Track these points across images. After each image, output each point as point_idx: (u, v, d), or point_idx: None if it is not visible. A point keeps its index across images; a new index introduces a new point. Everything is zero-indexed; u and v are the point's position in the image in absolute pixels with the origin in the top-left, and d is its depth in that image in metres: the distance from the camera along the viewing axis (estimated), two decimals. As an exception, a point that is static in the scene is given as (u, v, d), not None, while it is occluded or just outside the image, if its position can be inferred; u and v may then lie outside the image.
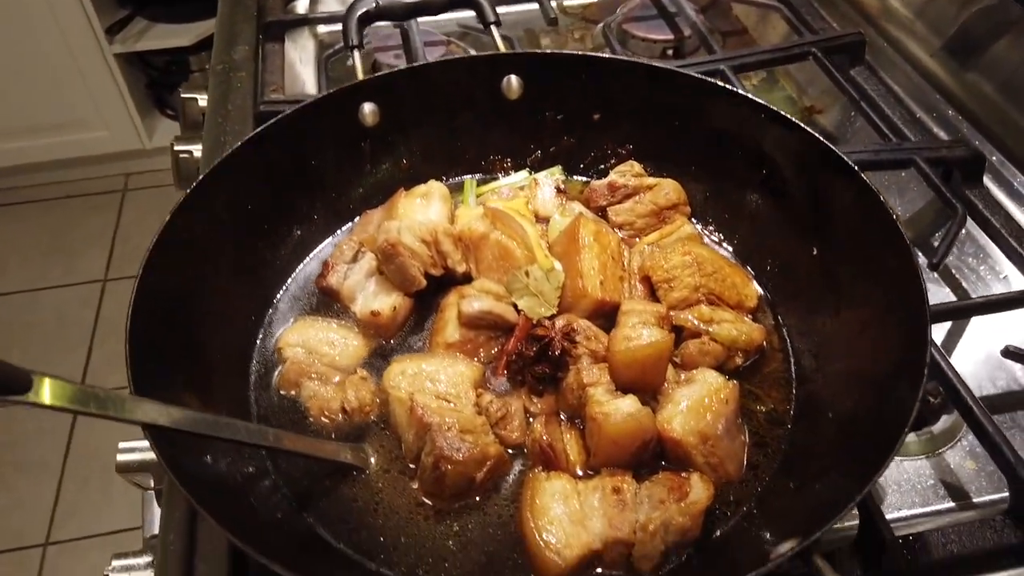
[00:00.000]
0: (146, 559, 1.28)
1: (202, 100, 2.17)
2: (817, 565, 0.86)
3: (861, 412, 1.11)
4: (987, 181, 1.76)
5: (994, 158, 1.82)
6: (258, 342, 1.35)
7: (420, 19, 2.09)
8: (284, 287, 1.43)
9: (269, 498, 1.15)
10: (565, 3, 2.36)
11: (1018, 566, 1.19)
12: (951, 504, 1.29)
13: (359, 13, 1.69)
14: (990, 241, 1.66)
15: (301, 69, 2.23)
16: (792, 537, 0.91)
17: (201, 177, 1.27)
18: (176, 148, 2.01)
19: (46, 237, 4.64)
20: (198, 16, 4.42)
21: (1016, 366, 1.47)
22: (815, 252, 1.33)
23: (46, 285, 4.39)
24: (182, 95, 2.19)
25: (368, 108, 1.49)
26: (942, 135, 1.89)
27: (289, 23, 2.24)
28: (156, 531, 1.40)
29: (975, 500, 1.29)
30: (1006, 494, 1.27)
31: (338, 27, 2.31)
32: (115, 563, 1.30)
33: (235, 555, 1.20)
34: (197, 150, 1.99)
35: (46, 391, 0.87)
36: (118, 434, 1.44)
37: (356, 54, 1.65)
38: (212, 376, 1.23)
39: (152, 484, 1.47)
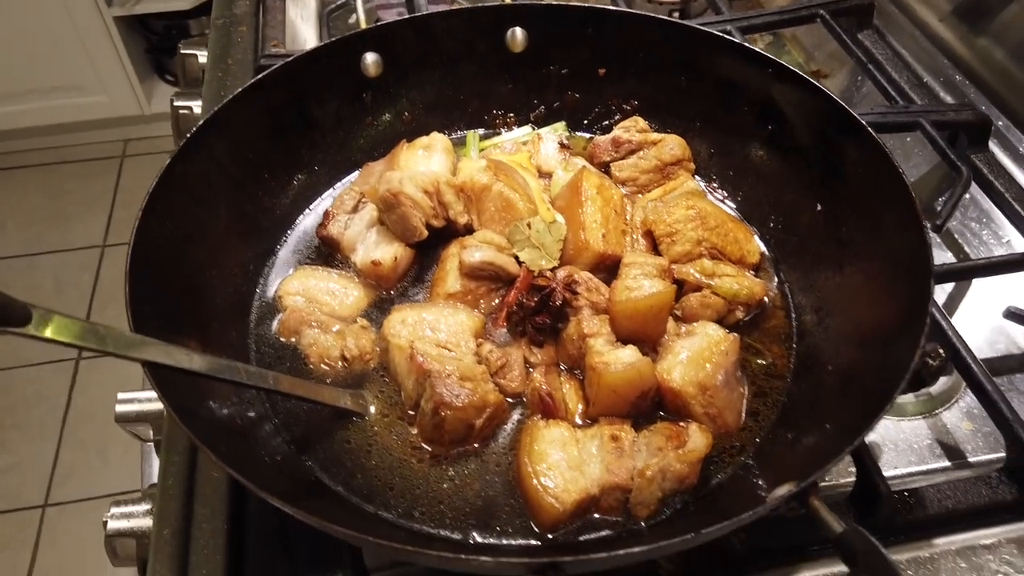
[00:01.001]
0: (145, 506, 1.29)
1: (202, 57, 2.15)
2: (814, 506, 0.86)
3: (860, 366, 1.11)
4: (992, 146, 1.75)
5: (1000, 123, 1.81)
6: (258, 290, 1.35)
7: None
8: (285, 237, 1.43)
9: (269, 442, 1.15)
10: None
11: (1013, 522, 1.20)
12: (947, 463, 1.29)
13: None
14: (993, 206, 1.66)
15: (302, 26, 2.21)
16: (788, 482, 0.91)
17: (201, 122, 1.26)
18: (176, 104, 2.00)
19: (45, 202, 4.62)
20: (198, -21, 4.38)
21: (1016, 330, 1.47)
22: (819, 208, 1.32)
23: (45, 250, 4.37)
24: (181, 51, 2.18)
25: (370, 58, 1.48)
26: (948, 99, 1.88)
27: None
28: (155, 480, 1.41)
29: (971, 460, 1.30)
30: (1002, 454, 1.27)
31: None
32: (114, 510, 1.31)
33: (234, 498, 1.21)
34: (197, 106, 1.98)
35: (46, 325, 0.87)
36: (117, 396, 1.45)
37: (359, 4, 1.63)
38: (211, 322, 1.22)
39: (151, 435, 1.47)
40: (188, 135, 1.23)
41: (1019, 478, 1.21)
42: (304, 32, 2.19)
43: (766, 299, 1.31)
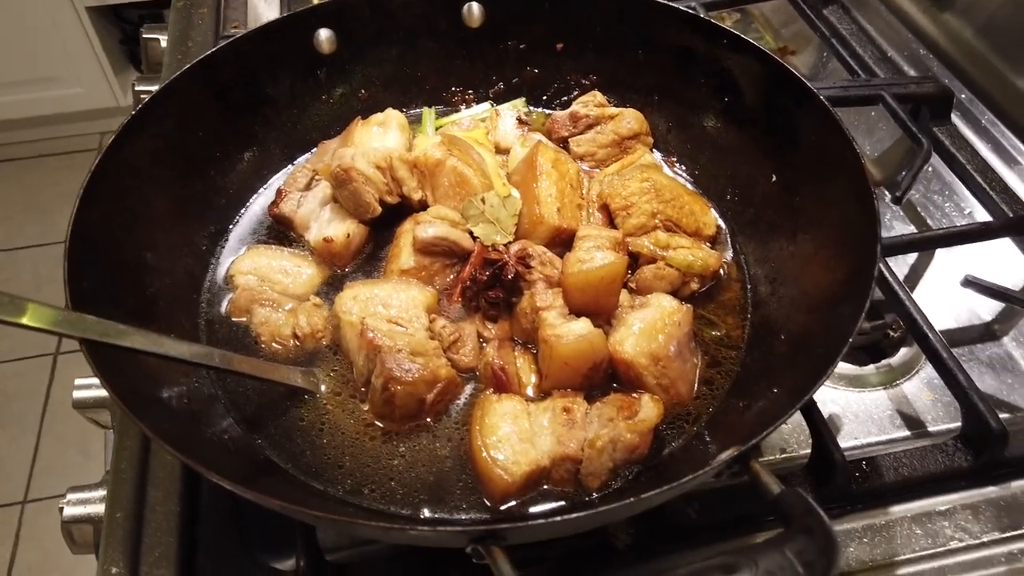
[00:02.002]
0: (101, 492, 1.27)
1: (164, 40, 2.13)
2: (754, 469, 0.85)
3: (810, 333, 1.11)
4: (955, 119, 1.75)
5: (963, 96, 1.81)
6: (210, 270, 1.33)
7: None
8: (238, 216, 1.41)
9: (219, 422, 1.13)
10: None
11: (968, 488, 1.20)
12: (907, 432, 1.30)
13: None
14: (956, 178, 1.65)
15: (265, 8, 2.18)
16: (733, 447, 0.91)
17: (144, 102, 1.24)
18: (138, 89, 1.98)
19: (22, 196, 4.58)
20: (171, -33, 4.32)
21: (978, 301, 1.47)
22: (774, 179, 1.31)
23: (23, 244, 4.33)
24: (144, 35, 2.15)
25: (324, 35, 1.46)
26: (912, 73, 1.87)
27: (253, -40, 2.18)
28: (116, 466, 1.40)
29: (931, 429, 1.30)
30: (958, 423, 1.27)
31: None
32: (71, 496, 1.29)
33: (187, 481, 1.19)
34: (158, 90, 1.96)
35: (23, 312, 0.87)
36: (74, 383, 1.43)
37: (311, -20, 1.61)
38: (160, 302, 1.21)
39: (110, 421, 1.46)
40: (132, 113, 1.21)
41: (974, 446, 1.21)
42: (267, 13, 2.16)
43: (722, 271, 1.31)
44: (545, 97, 1.60)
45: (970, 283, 1.40)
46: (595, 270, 1.15)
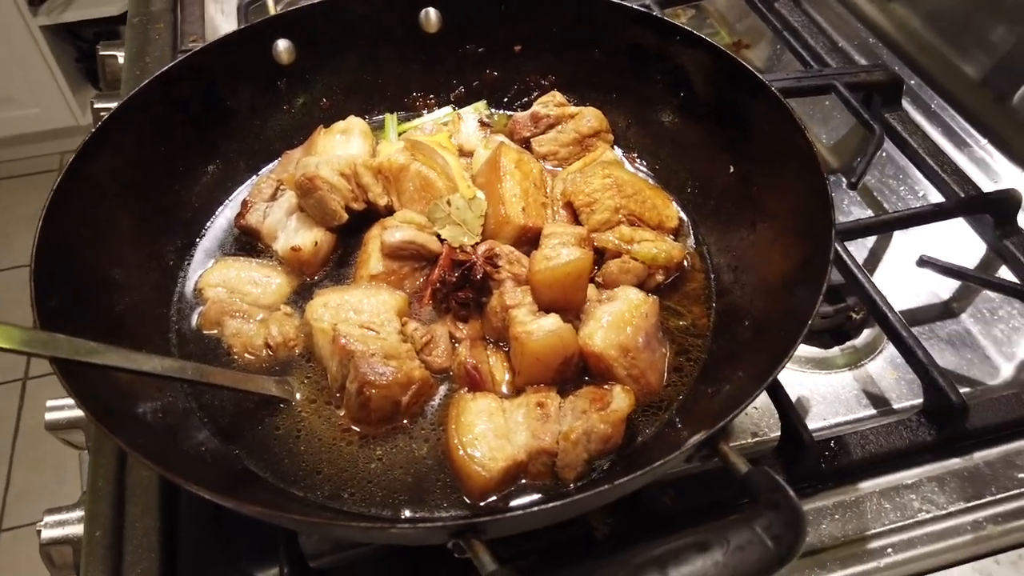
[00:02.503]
0: (79, 513, 1.27)
1: (121, 57, 2.12)
2: (723, 451, 0.88)
3: (772, 318, 1.14)
4: (906, 104, 1.79)
5: (912, 82, 1.86)
6: (179, 284, 1.33)
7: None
8: (204, 229, 1.41)
9: (195, 435, 1.14)
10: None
11: (932, 462, 1.24)
12: (873, 411, 1.34)
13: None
14: (909, 162, 1.70)
15: (223, 21, 2.18)
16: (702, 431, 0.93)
17: (105, 119, 1.24)
18: (97, 106, 1.96)
19: (-19, 219, 4.52)
20: (125, -17, 4.29)
21: (936, 280, 1.51)
22: (732, 170, 1.34)
23: (-17, 268, 4.27)
24: (100, 52, 2.14)
25: (283, 45, 1.47)
26: (863, 62, 1.92)
27: (208, -27, 2.18)
28: (93, 486, 1.39)
29: (896, 407, 1.34)
30: (921, 399, 1.31)
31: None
32: (48, 518, 1.29)
33: (165, 495, 1.20)
34: (119, 106, 1.95)
35: None
36: (46, 404, 1.42)
37: (267, -9, 1.61)
38: (130, 318, 1.20)
39: (85, 441, 1.45)
40: (92, 131, 1.21)
41: (937, 420, 1.24)
42: (225, 26, 2.17)
43: (685, 262, 1.33)
44: (506, 99, 1.62)
45: (925, 263, 1.44)
46: (562, 266, 1.17)
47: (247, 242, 1.40)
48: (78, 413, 1.41)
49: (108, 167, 1.23)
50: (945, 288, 1.52)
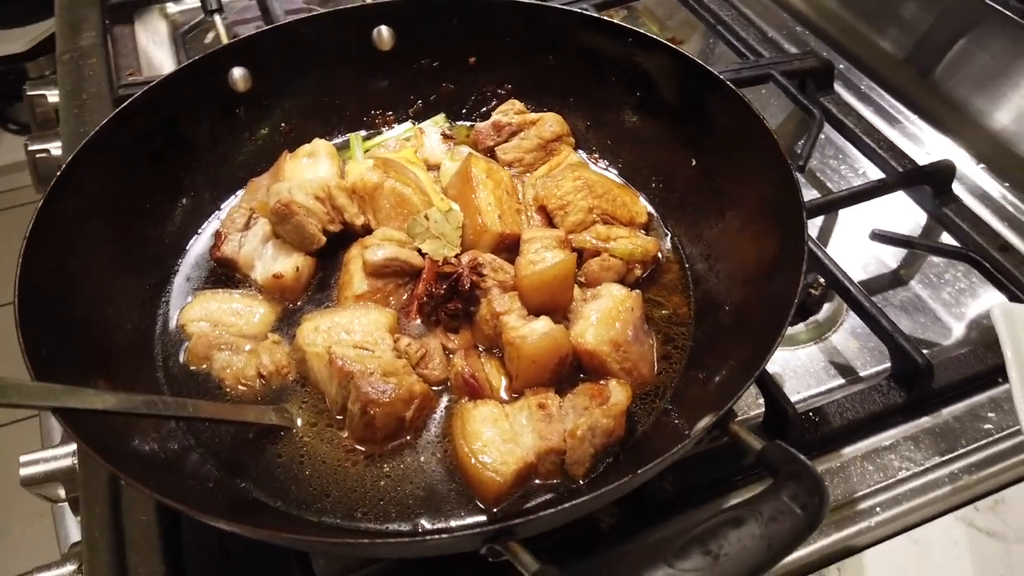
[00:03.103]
0: (70, 567, 1.24)
1: (52, 96, 2.06)
2: (734, 430, 0.92)
3: (752, 302, 1.19)
4: (838, 88, 1.89)
5: (841, 66, 1.96)
6: (159, 323, 1.31)
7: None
8: (177, 265, 1.39)
9: (198, 471, 1.12)
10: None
11: (906, 422, 1.31)
12: (842, 380, 1.41)
13: (214, -25, 1.63)
14: (847, 142, 1.79)
15: (156, 51, 2.15)
16: (707, 415, 0.98)
17: (68, 161, 1.21)
18: (31, 148, 1.91)
19: None
20: (31, 18, 4.13)
21: (884, 252, 1.60)
22: (694, 163, 1.40)
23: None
24: (28, 92, 2.08)
25: (238, 73, 1.46)
26: (793, 50, 2.01)
27: (138, 3, 2.14)
28: (77, 539, 1.35)
29: (862, 374, 1.42)
30: (888, 364, 1.39)
31: (190, 4, 2.24)
32: (38, 576, 1.25)
33: (166, 537, 1.17)
34: (56, 148, 1.90)
35: None
36: (20, 460, 1.37)
37: (217, 19, 1.60)
38: (113, 360, 1.18)
39: (63, 494, 1.41)
40: (57, 175, 1.18)
41: (905, 383, 1.31)
42: (159, 57, 2.13)
43: (660, 254, 1.38)
44: (464, 110, 1.65)
45: (877, 236, 1.53)
46: (548, 269, 1.20)
47: (222, 274, 1.38)
48: (56, 465, 1.37)
49: (74, 212, 1.20)
50: (892, 258, 1.61)
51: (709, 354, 1.22)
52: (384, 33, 1.54)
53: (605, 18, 1.48)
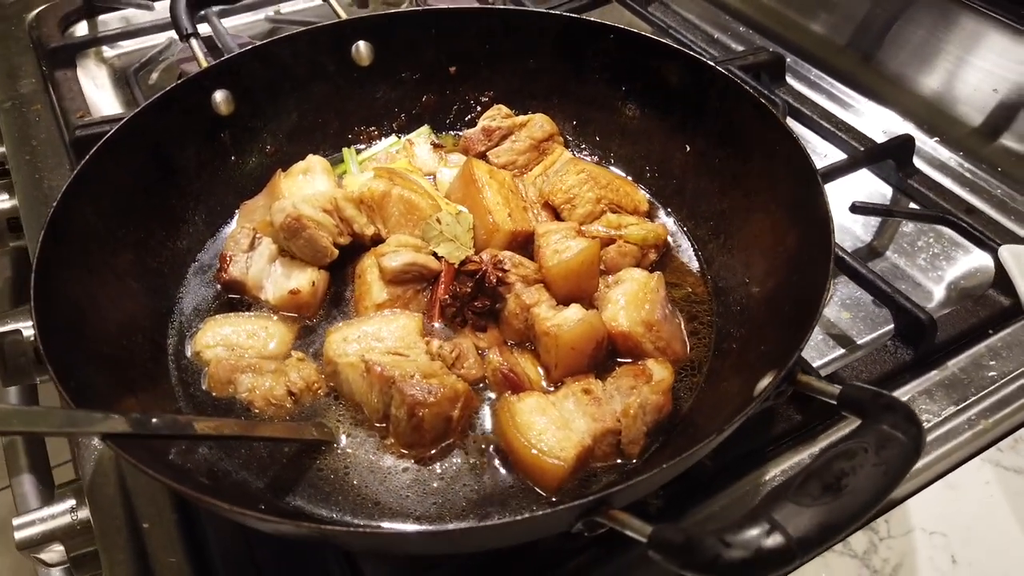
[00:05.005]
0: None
1: (-5, 146, 1.95)
2: (804, 380, 0.94)
3: (778, 267, 1.22)
4: (789, 79, 1.98)
5: (789, 59, 2.05)
6: (170, 355, 1.25)
7: (226, 21, 2.02)
8: (179, 294, 1.33)
9: (243, 494, 1.07)
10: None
11: (916, 378, 1.36)
12: (842, 351, 1.45)
13: (185, -2, 1.59)
14: (806, 129, 1.87)
15: (100, 95, 2.07)
16: (768, 373, 0.99)
17: (56, 204, 1.14)
18: (-20, 197, 1.80)
19: None
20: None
21: (856, 226, 1.68)
22: (688, 148, 1.44)
23: None
24: (-33, 143, 1.96)
25: (220, 96, 1.42)
26: (739, 48, 2.10)
27: (78, 46, 2.06)
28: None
29: (859, 342, 1.47)
30: (881, 331, 1.45)
31: (131, 47, 2.19)
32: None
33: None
34: (3, 200, 1.80)
35: None
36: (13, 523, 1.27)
37: (194, 43, 1.55)
38: (139, 394, 1.12)
39: (65, 553, 1.31)
40: (51, 214, 1.12)
41: (911, 340, 1.36)
42: (104, 98, 2.06)
43: (668, 239, 1.41)
44: (448, 120, 1.65)
45: (858, 208, 1.60)
46: (575, 256, 1.21)
47: (226, 300, 1.33)
48: (54, 524, 1.28)
49: (73, 253, 1.15)
50: (866, 232, 1.68)
51: (738, 327, 1.25)
52: (362, 48, 1.53)
53: (584, 17, 1.51)
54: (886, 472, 0.73)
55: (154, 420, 0.91)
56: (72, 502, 1.28)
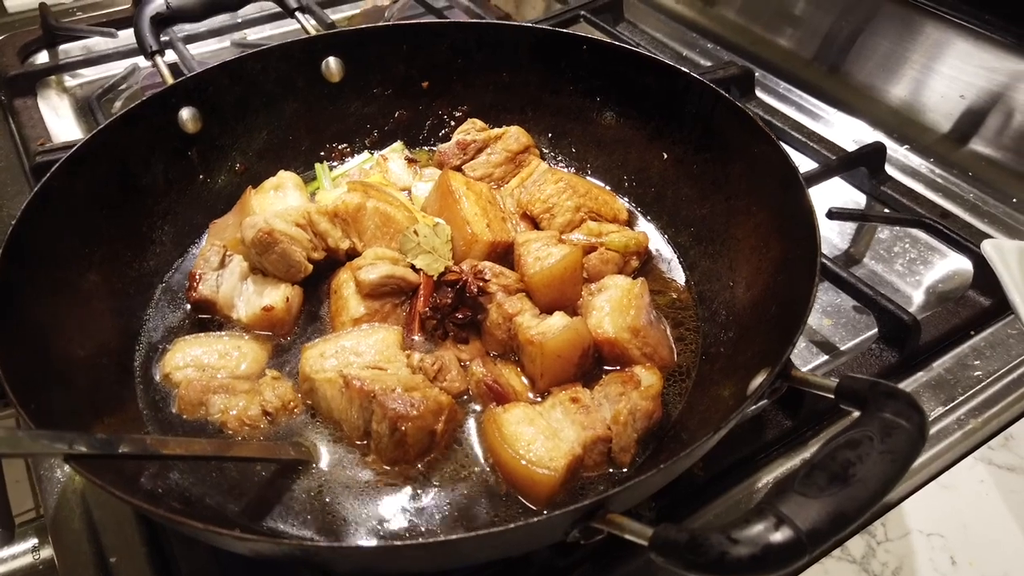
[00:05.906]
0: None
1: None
2: (800, 376, 0.91)
3: (762, 268, 1.20)
4: (758, 93, 1.99)
5: (757, 74, 2.07)
6: (137, 377, 1.19)
7: (192, 47, 1.99)
8: (146, 315, 1.28)
9: (218, 517, 1.01)
10: (333, 17, 2.33)
11: (905, 378, 1.35)
12: (826, 357, 1.44)
13: (150, 15, 1.55)
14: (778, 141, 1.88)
15: (62, 123, 2.02)
16: (759, 372, 0.97)
17: (17, 220, 1.10)
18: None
19: None
20: None
21: (832, 234, 1.67)
22: (666, 156, 1.43)
23: None
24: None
25: (186, 114, 1.39)
26: (708, 64, 2.12)
27: (38, 73, 2.02)
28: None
29: (842, 348, 1.45)
30: (864, 336, 1.44)
31: (93, 75, 2.15)
32: None
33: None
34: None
35: None
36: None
37: (159, 60, 1.52)
38: (104, 418, 1.06)
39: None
40: (11, 232, 1.07)
41: (896, 343, 1.35)
42: (66, 127, 2.01)
43: (650, 246, 1.39)
44: (421, 136, 1.63)
45: (835, 215, 1.60)
46: (558, 263, 1.18)
47: (195, 320, 1.28)
48: (15, 565, 1.22)
49: (30, 272, 1.10)
50: (842, 240, 1.68)
51: (723, 328, 1.23)
52: (332, 64, 1.51)
53: (557, 30, 1.51)
54: (893, 460, 0.71)
55: (123, 440, 0.86)
56: (34, 541, 1.21)
